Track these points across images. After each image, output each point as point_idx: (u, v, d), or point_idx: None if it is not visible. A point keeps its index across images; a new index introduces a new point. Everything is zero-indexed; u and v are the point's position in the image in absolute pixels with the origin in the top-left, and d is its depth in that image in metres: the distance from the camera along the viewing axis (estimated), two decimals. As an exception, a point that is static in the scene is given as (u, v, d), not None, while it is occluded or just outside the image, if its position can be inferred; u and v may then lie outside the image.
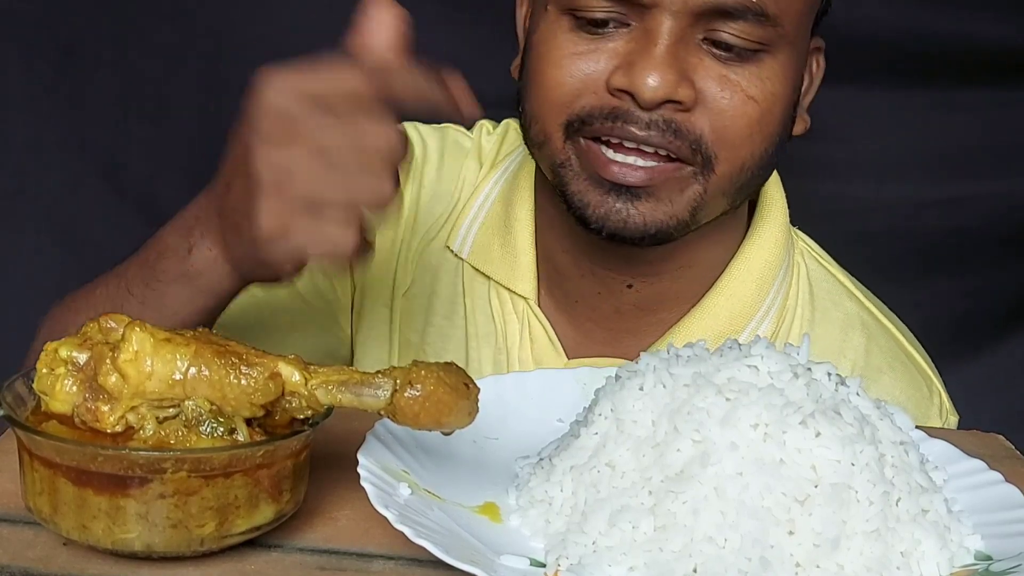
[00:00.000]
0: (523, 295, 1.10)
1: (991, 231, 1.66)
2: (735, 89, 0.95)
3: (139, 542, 0.63)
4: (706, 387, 0.72)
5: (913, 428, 0.80)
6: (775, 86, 0.97)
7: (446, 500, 0.73)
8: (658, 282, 1.07)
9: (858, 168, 1.65)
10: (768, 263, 1.09)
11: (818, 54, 1.08)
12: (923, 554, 0.69)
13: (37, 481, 0.64)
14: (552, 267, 1.11)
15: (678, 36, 0.93)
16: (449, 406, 0.66)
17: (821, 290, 1.13)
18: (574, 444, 0.75)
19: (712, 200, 0.99)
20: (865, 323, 1.13)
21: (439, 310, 1.14)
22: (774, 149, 1.00)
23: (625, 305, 1.08)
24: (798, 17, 0.97)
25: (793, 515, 0.67)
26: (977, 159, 1.65)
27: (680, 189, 0.97)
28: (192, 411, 0.65)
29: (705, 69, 0.95)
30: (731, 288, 1.08)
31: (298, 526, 0.71)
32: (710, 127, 0.95)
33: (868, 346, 1.11)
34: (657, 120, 0.94)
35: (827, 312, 1.12)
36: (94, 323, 0.67)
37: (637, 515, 0.68)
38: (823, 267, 1.16)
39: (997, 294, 1.70)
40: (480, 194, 1.16)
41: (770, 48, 0.95)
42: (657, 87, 0.92)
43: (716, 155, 0.96)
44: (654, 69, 0.92)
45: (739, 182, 0.99)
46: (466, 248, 1.14)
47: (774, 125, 0.98)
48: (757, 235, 1.10)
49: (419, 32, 0.80)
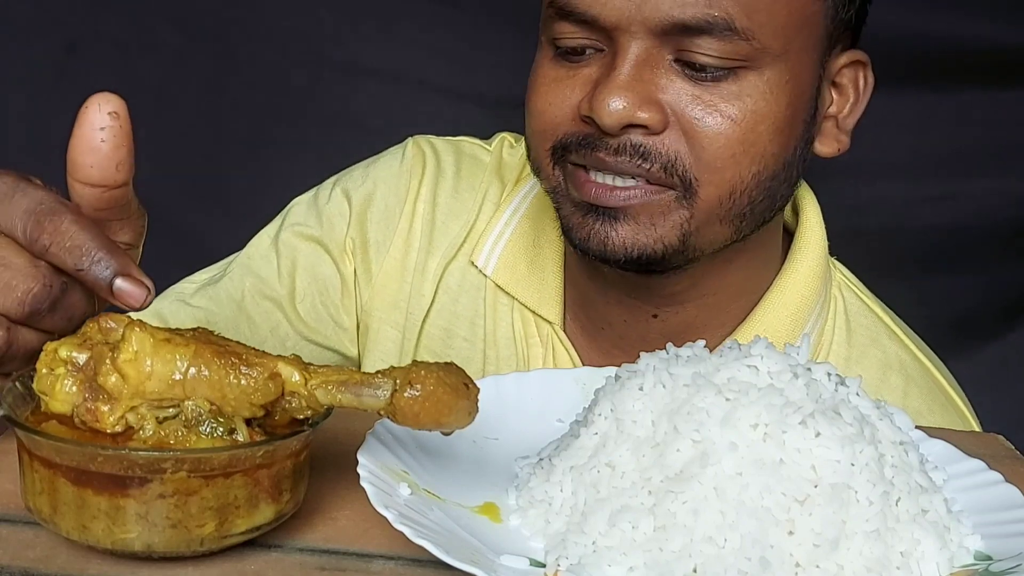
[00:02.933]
0: (549, 319, 1.09)
1: (987, 229, 1.67)
2: (709, 109, 0.93)
3: (139, 542, 0.63)
4: (706, 387, 0.72)
5: (913, 428, 0.80)
6: (758, 104, 0.93)
7: (446, 500, 0.73)
8: (683, 311, 1.06)
9: (856, 167, 1.65)
10: (804, 297, 1.07)
11: (861, 69, 1.03)
12: (923, 554, 0.69)
13: (37, 481, 0.64)
14: (579, 292, 1.10)
15: (643, 58, 0.92)
16: (449, 406, 0.65)
17: (859, 327, 1.11)
18: (574, 444, 0.75)
19: (705, 227, 0.96)
20: (904, 364, 1.10)
21: (459, 331, 1.13)
22: (772, 172, 0.96)
23: (651, 334, 1.07)
24: (782, 30, 0.93)
25: (793, 515, 0.67)
26: (973, 157, 1.65)
27: (662, 213, 0.95)
28: (192, 411, 0.64)
29: (676, 90, 0.93)
30: (764, 321, 1.06)
31: (298, 526, 0.71)
32: (686, 149, 0.93)
33: (907, 388, 1.09)
34: (625, 144, 0.93)
35: (865, 350, 1.10)
36: (93, 323, 0.67)
37: (637, 515, 0.68)
38: (862, 301, 1.13)
39: (993, 291, 1.71)
40: (506, 210, 1.15)
41: (750, 64, 0.92)
42: (614, 111, 0.91)
43: (697, 178, 0.94)
44: (611, 93, 0.92)
45: (734, 208, 0.96)
46: (491, 265, 1.12)
47: (762, 145, 0.95)
48: (794, 268, 1.07)
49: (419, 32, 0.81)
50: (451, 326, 1.14)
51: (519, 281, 1.11)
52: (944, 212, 1.66)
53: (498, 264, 1.12)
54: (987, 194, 1.65)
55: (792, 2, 0.94)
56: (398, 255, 1.15)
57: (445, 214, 1.16)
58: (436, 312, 1.14)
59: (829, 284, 1.11)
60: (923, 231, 1.67)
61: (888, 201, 1.67)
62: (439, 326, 1.14)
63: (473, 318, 1.13)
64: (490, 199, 1.16)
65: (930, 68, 1.59)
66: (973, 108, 1.62)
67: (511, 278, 1.11)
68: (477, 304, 1.13)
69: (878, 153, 1.64)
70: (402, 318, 1.15)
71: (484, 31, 1.65)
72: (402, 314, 1.15)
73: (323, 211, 1.18)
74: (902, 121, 1.63)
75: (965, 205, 1.66)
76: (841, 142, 1.04)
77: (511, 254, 1.12)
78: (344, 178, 1.21)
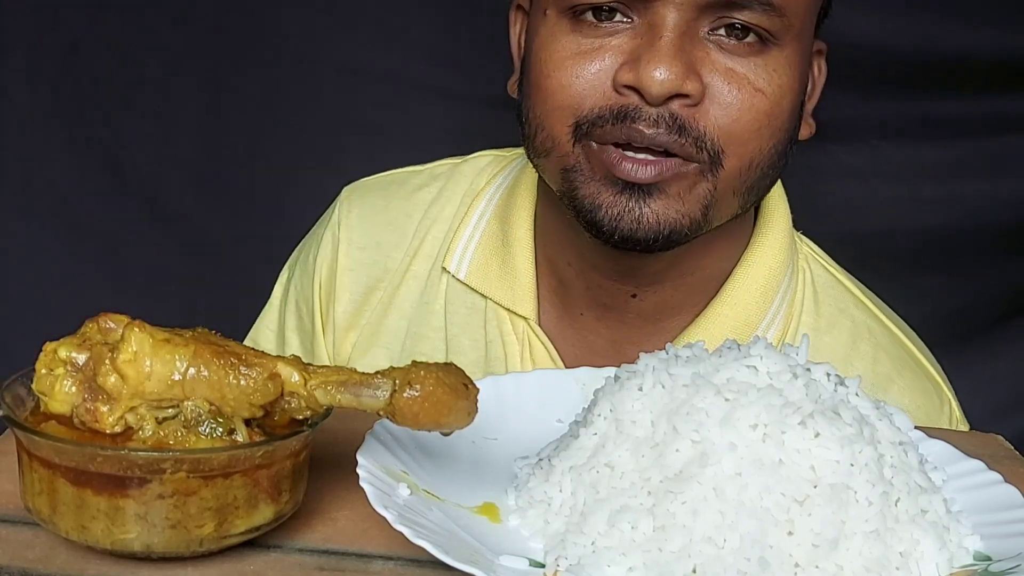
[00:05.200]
0: (523, 315, 1.09)
1: (981, 231, 1.68)
2: (742, 82, 0.93)
3: (138, 543, 0.63)
4: (705, 387, 0.72)
5: (912, 428, 0.80)
6: (783, 79, 0.95)
7: (445, 500, 0.73)
8: (661, 291, 1.06)
9: (852, 169, 1.66)
10: (772, 270, 1.08)
11: (819, 58, 1.06)
12: (922, 554, 0.69)
13: (36, 481, 0.64)
14: (556, 281, 1.09)
15: (683, 29, 0.92)
16: (448, 406, 0.65)
17: (827, 297, 1.12)
18: (573, 444, 0.75)
19: (723, 198, 0.97)
20: (872, 331, 1.11)
21: (432, 336, 1.14)
22: (783, 147, 0.98)
23: (629, 315, 1.07)
24: (804, 11, 0.96)
25: (792, 515, 0.67)
26: (967, 161, 1.66)
27: (689, 186, 0.95)
28: (191, 411, 0.65)
29: (712, 62, 0.93)
30: (735, 296, 1.07)
31: (297, 527, 0.71)
32: (717, 122, 0.93)
33: (876, 354, 1.09)
34: (664, 115, 0.92)
35: (834, 320, 1.10)
36: (93, 323, 0.67)
37: (636, 515, 0.68)
38: (828, 272, 1.14)
39: (988, 293, 1.72)
40: (474, 212, 1.15)
41: (777, 40, 0.94)
42: (664, 80, 0.90)
43: (723, 150, 0.94)
44: (660, 62, 0.90)
45: (749, 180, 0.97)
46: (463, 269, 1.12)
47: (783, 119, 0.96)
48: (760, 242, 1.09)
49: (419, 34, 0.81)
50: (419, 331, 1.14)
51: (491, 281, 1.11)
52: (939, 214, 1.67)
53: (470, 267, 1.12)
54: (981, 197, 1.67)
55: None
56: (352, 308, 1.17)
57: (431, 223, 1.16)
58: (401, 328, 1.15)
59: (796, 257, 1.12)
60: (918, 233, 1.68)
61: (884, 203, 1.68)
62: (401, 327, 1.15)
63: (439, 325, 1.13)
64: (462, 201, 1.16)
65: (926, 74, 1.60)
66: (968, 113, 1.64)
67: (483, 279, 1.11)
68: (441, 310, 1.13)
69: (874, 156, 1.65)
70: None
71: (483, 33, 1.65)
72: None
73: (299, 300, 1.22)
74: (898, 125, 1.64)
75: (959, 207, 1.67)
76: (811, 125, 1.06)
77: (482, 255, 1.12)
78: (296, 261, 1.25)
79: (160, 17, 1.69)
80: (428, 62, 1.69)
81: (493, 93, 1.64)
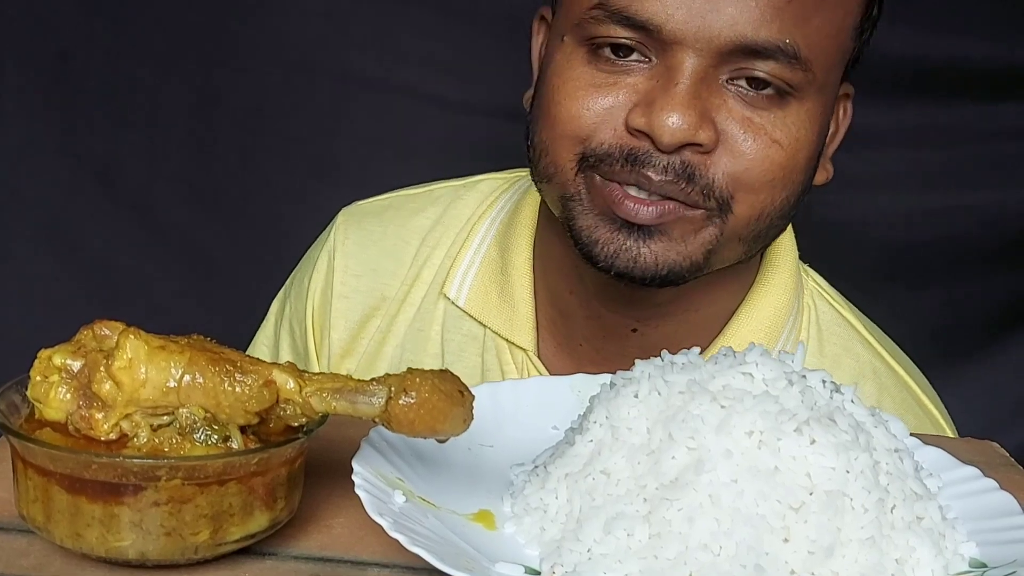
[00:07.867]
0: (522, 347, 1.08)
1: (981, 241, 1.68)
2: (759, 132, 0.91)
3: (133, 550, 0.63)
4: (701, 394, 0.72)
5: (908, 435, 0.80)
6: (800, 132, 0.93)
7: (441, 507, 0.73)
8: (663, 325, 1.05)
9: (853, 180, 1.66)
10: (777, 309, 1.06)
11: (846, 101, 1.04)
12: (918, 561, 0.69)
13: (31, 489, 0.64)
14: (556, 310, 1.08)
15: (701, 75, 0.90)
16: (444, 413, 0.65)
17: (832, 335, 1.10)
18: (569, 451, 0.75)
19: (728, 244, 0.95)
20: (877, 371, 1.10)
21: (428, 362, 1.13)
22: (795, 199, 0.96)
23: (629, 348, 1.05)
24: (830, 64, 0.94)
25: (788, 522, 0.67)
26: (967, 172, 1.67)
27: (694, 230, 0.94)
28: (186, 418, 0.64)
29: (728, 110, 0.91)
30: (739, 336, 1.05)
31: (293, 534, 0.70)
32: (728, 170, 0.91)
33: (880, 396, 1.08)
34: (675, 163, 0.91)
35: (838, 359, 1.09)
36: (88, 330, 0.67)
37: (632, 522, 0.68)
38: (834, 309, 1.12)
39: (987, 303, 1.72)
40: (475, 238, 1.13)
41: (798, 93, 0.92)
42: (677, 129, 0.89)
43: (732, 197, 0.92)
44: (674, 109, 0.89)
45: (757, 229, 0.96)
46: (463, 296, 1.11)
47: (798, 173, 0.94)
48: (766, 280, 1.07)
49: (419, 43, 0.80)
50: (422, 356, 1.13)
51: (491, 310, 1.09)
52: (942, 224, 1.68)
53: (469, 295, 1.11)
54: (985, 206, 1.67)
55: (840, 37, 0.94)
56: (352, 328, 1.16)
57: (431, 249, 1.16)
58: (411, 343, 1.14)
59: (801, 293, 1.10)
60: (921, 243, 1.69)
61: (887, 213, 1.68)
62: (394, 353, 1.14)
63: (435, 352, 1.12)
64: (463, 226, 1.15)
65: (930, 84, 1.61)
66: (971, 122, 1.64)
67: (483, 308, 1.10)
68: (438, 336, 1.12)
69: (878, 167, 1.66)
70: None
71: (483, 42, 1.66)
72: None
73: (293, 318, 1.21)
74: (902, 135, 1.65)
75: (960, 218, 1.68)
76: (828, 171, 1.04)
77: (481, 283, 1.11)
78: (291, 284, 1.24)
79: (152, 27, 1.70)
80: (424, 71, 1.69)
81: (490, 102, 1.65)
